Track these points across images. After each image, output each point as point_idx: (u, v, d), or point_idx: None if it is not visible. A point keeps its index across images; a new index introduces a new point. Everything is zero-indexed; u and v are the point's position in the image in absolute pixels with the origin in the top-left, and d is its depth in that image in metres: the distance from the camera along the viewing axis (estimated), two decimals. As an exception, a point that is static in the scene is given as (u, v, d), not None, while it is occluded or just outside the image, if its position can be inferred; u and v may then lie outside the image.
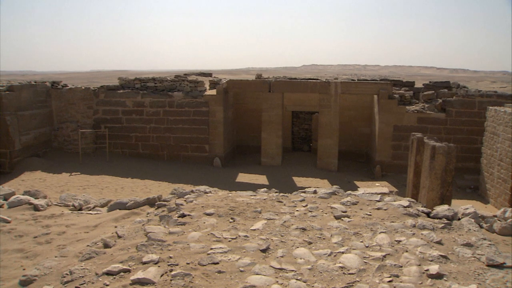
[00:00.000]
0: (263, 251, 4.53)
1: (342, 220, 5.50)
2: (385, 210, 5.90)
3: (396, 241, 4.85)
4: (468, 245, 4.81)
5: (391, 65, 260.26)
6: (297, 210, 5.84)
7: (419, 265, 4.27)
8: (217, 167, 21.74)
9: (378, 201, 6.34)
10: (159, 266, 4.15)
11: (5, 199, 7.35)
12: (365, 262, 4.33)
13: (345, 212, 5.79)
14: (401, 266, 4.26)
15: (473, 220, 5.71)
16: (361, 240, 4.86)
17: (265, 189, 7.13)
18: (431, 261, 4.39)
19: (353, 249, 4.62)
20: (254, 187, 16.43)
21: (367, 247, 4.71)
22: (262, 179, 19.99)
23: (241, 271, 4.08)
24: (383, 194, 6.73)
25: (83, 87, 24.56)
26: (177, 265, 4.17)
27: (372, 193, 6.71)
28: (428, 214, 5.94)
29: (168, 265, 4.17)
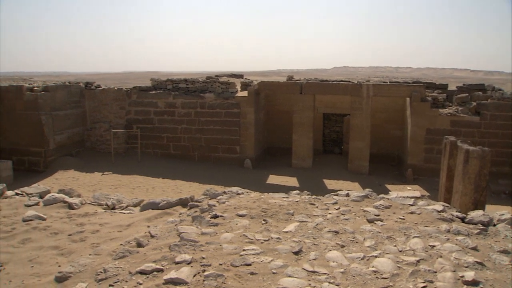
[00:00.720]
0: (296, 253, 4.51)
1: (375, 223, 5.45)
2: (418, 214, 5.82)
3: (430, 246, 4.78)
4: (505, 252, 4.71)
5: (424, 67, 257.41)
6: (329, 213, 5.80)
7: (454, 271, 4.20)
8: (248, 169, 21.77)
9: (412, 205, 6.26)
10: (191, 266, 4.16)
11: (41, 197, 7.49)
12: (399, 267, 4.28)
13: (378, 215, 5.73)
14: (436, 272, 4.19)
15: (509, 226, 5.59)
16: (394, 244, 4.80)
17: (298, 191, 7.11)
18: (466, 267, 4.31)
19: (386, 253, 4.57)
20: (284, 189, 16.40)
21: (400, 251, 4.65)
22: (292, 181, 19.95)
23: (273, 273, 4.07)
24: (416, 198, 6.65)
25: (116, 88, 24.86)
26: (209, 265, 4.18)
27: (405, 197, 6.63)
28: (462, 219, 5.84)
29: (201, 265, 4.18)
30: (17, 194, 7.77)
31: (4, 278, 4.54)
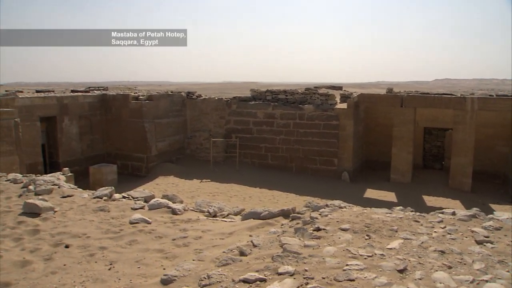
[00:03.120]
0: (400, 271, 4.38)
1: (485, 245, 5.18)
2: (533, 238, 5.49)
3: (547, 273, 4.49)
4: None
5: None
6: (435, 231, 5.59)
7: None
8: (345, 181, 21.55)
9: (524, 228, 5.92)
10: (294, 278, 4.14)
11: (146, 201, 7.76)
12: (512, 294, 4.05)
13: (488, 237, 5.45)
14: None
15: None
16: (507, 270, 4.54)
17: (401, 207, 6.93)
18: None
19: (498, 278, 4.33)
20: (382, 204, 16.03)
21: (514, 277, 4.40)
22: (390, 196, 19.53)
23: (377, 290, 3.98)
24: (529, 220, 6.27)
25: (216, 98, 25.45)
26: (312, 278, 4.14)
27: (517, 218, 6.28)
28: None
29: (304, 277, 4.15)
30: (124, 197, 8.09)
31: (114, 276, 4.73)
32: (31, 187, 8.29)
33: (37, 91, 25.92)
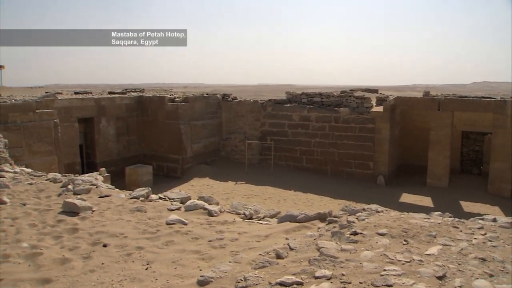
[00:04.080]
0: (439, 278, 4.29)
1: (528, 254, 5.06)
2: None
3: None
4: None
5: None
6: (475, 238, 5.47)
7: None
8: (380, 185, 21.35)
9: None
10: (331, 282, 4.11)
11: (182, 202, 7.80)
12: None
13: (531, 245, 5.32)
14: None
15: None
16: (553, 280, 4.43)
17: (439, 212, 6.81)
18: None
19: (544, 288, 4.22)
20: (418, 209, 15.85)
21: (561, 289, 4.27)
22: (426, 201, 19.26)
23: (416, 296, 3.92)
24: None
25: (251, 100, 25.50)
26: (349, 283, 4.10)
27: (562, 227, 6.10)
28: None
29: (341, 282, 4.12)
30: (160, 198, 8.15)
31: (151, 276, 4.77)
32: (70, 186, 8.44)
33: (75, 93, 26.43)
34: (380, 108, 22.08)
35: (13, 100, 17.04)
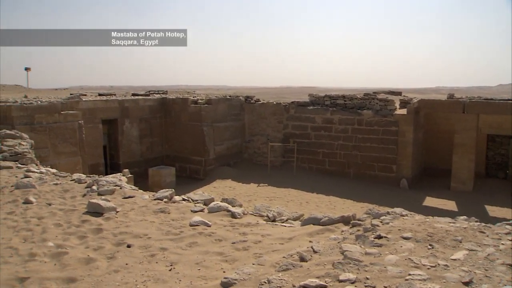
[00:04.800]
0: (466, 284, 4.23)
1: (557, 260, 4.97)
2: None
3: None
4: None
5: None
6: (502, 244, 5.37)
7: None
8: (404, 189, 21.16)
9: None
10: (355, 286, 4.08)
11: (205, 204, 7.82)
12: None
13: (560, 251, 5.22)
14: None
15: None
16: None
17: (465, 216, 6.71)
18: None
19: None
20: (442, 213, 15.69)
21: None
22: (450, 205, 19.05)
23: (441, 302, 3.87)
24: None
25: (274, 102, 25.48)
26: (374, 287, 4.06)
27: None
28: None
29: (365, 286, 4.08)
30: (183, 199, 8.18)
31: (174, 277, 4.78)
32: (94, 187, 8.52)
33: (99, 94, 26.68)
34: (403, 111, 21.90)
35: (39, 102, 17.30)
